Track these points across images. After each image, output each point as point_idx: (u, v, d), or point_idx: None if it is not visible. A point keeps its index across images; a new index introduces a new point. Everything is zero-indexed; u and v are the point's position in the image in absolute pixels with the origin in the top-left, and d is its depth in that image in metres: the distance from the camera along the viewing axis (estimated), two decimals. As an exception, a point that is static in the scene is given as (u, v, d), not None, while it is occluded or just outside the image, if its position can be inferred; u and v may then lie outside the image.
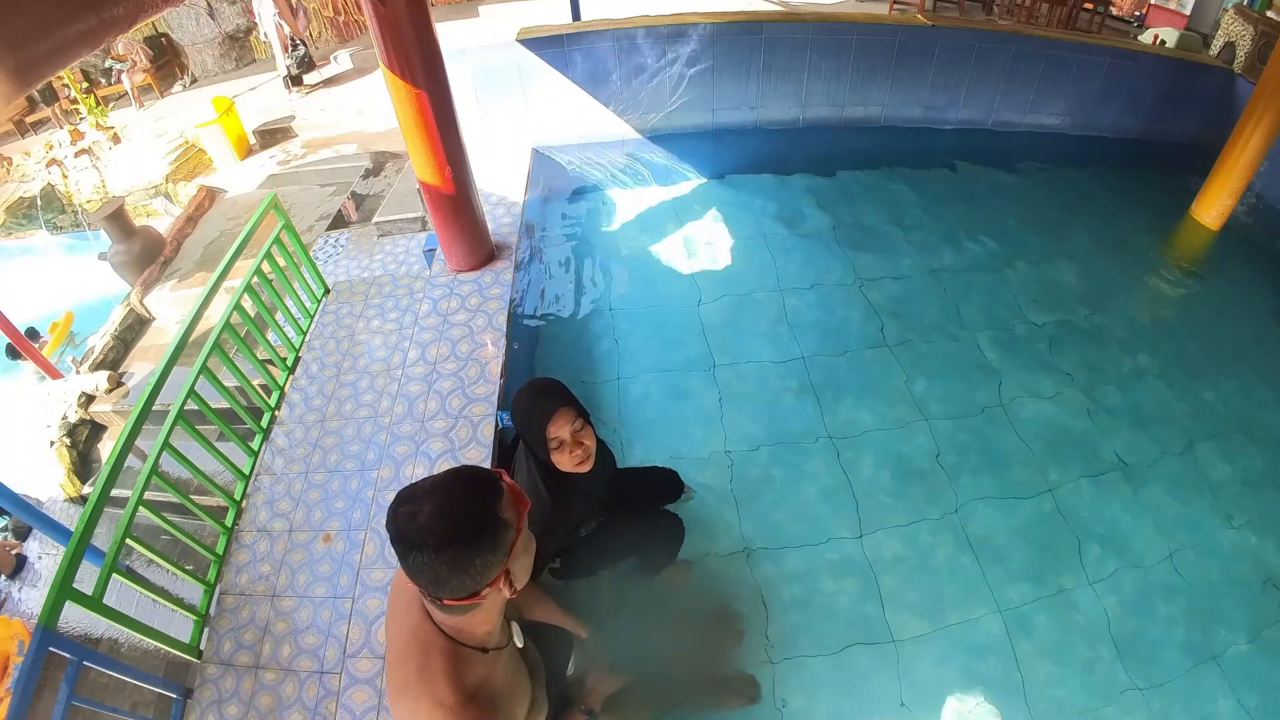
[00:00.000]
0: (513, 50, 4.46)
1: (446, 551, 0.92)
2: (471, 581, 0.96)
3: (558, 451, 1.59)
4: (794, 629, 2.27)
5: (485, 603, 1.01)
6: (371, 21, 2.56)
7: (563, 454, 1.60)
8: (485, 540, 0.95)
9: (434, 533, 0.92)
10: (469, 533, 0.94)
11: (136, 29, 6.75)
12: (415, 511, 0.93)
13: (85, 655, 1.95)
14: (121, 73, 8.18)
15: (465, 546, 0.94)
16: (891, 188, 4.51)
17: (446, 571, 0.93)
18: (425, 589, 0.97)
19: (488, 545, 0.96)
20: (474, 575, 0.95)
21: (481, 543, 0.95)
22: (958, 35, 4.74)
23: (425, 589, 0.97)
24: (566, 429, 1.58)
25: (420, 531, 0.92)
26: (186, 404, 2.54)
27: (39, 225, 7.00)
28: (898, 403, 3.02)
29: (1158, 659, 2.24)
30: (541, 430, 1.58)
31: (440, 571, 0.93)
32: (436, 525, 0.92)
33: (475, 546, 0.94)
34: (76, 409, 4.23)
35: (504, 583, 1.00)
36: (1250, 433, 2.97)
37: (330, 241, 4.40)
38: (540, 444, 1.60)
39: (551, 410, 1.58)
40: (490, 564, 0.96)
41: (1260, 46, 4.99)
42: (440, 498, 0.95)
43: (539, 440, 1.60)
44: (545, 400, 1.61)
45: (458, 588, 0.95)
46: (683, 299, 3.58)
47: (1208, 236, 4.27)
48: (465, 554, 0.94)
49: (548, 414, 1.57)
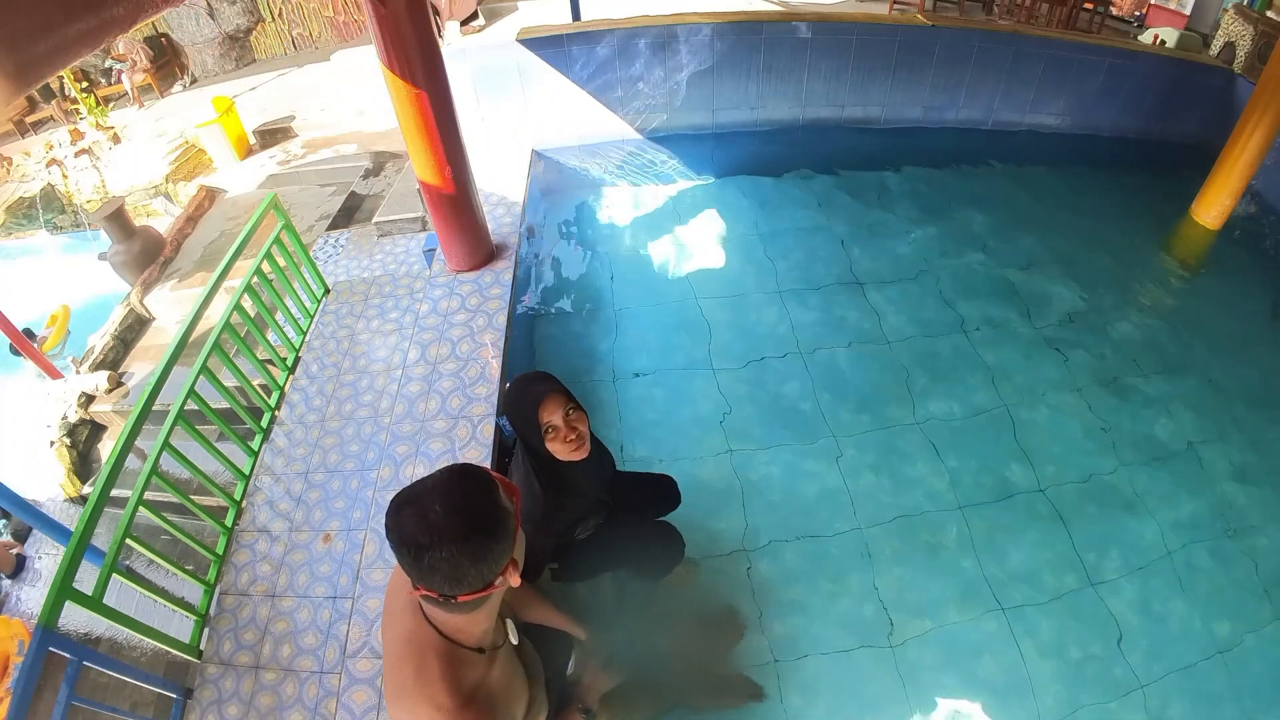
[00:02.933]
0: (513, 50, 4.46)
1: (469, 544, 0.94)
2: (489, 571, 0.98)
3: (552, 439, 1.58)
4: (795, 629, 2.28)
5: (494, 595, 1.03)
6: (371, 21, 2.56)
7: (557, 441, 1.58)
8: (499, 528, 0.98)
9: (451, 528, 0.93)
10: (485, 523, 0.96)
11: (136, 29, 6.74)
12: (424, 511, 0.93)
13: (85, 655, 1.95)
14: (121, 73, 8.18)
15: (485, 536, 0.96)
16: (891, 188, 4.51)
17: (468, 564, 0.95)
18: (439, 588, 0.96)
19: (501, 533, 0.98)
20: (491, 564, 0.97)
21: (497, 531, 0.97)
22: (958, 35, 4.73)
23: (439, 588, 0.96)
24: (559, 414, 1.57)
25: (435, 529, 0.92)
26: (186, 404, 2.54)
27: (39, 225, 7.00)
28: (898, 402, 3.02)
29: (1159, 657, 2.24)
30: (534, 416, 1.57)
31: (461, 565, 0.94)
32: (454, 520, 0.93)
33: (493, 535, 0.97)
34: (76, 409, 4.23)
35: (512, 569, 1.02)
36: (1250, 431, 2.97)
37: (330, 241, 4.40)
38: (534, 432, 1.59)
39: (542, 395, 1.57)
40: (504, 551, 0.99)
41: (1260, 46, 4.98)
42: (447, 494, 0.96)
43: (533, 428, 1.58)
44: (536, 387, 1.60)
45: (476, 579, 0.97)
46: (683, 299, 3.58)
47: (1208, 236, 4.27)
48: (486, 544, 0.96)
49: (539, 399, 1.57)
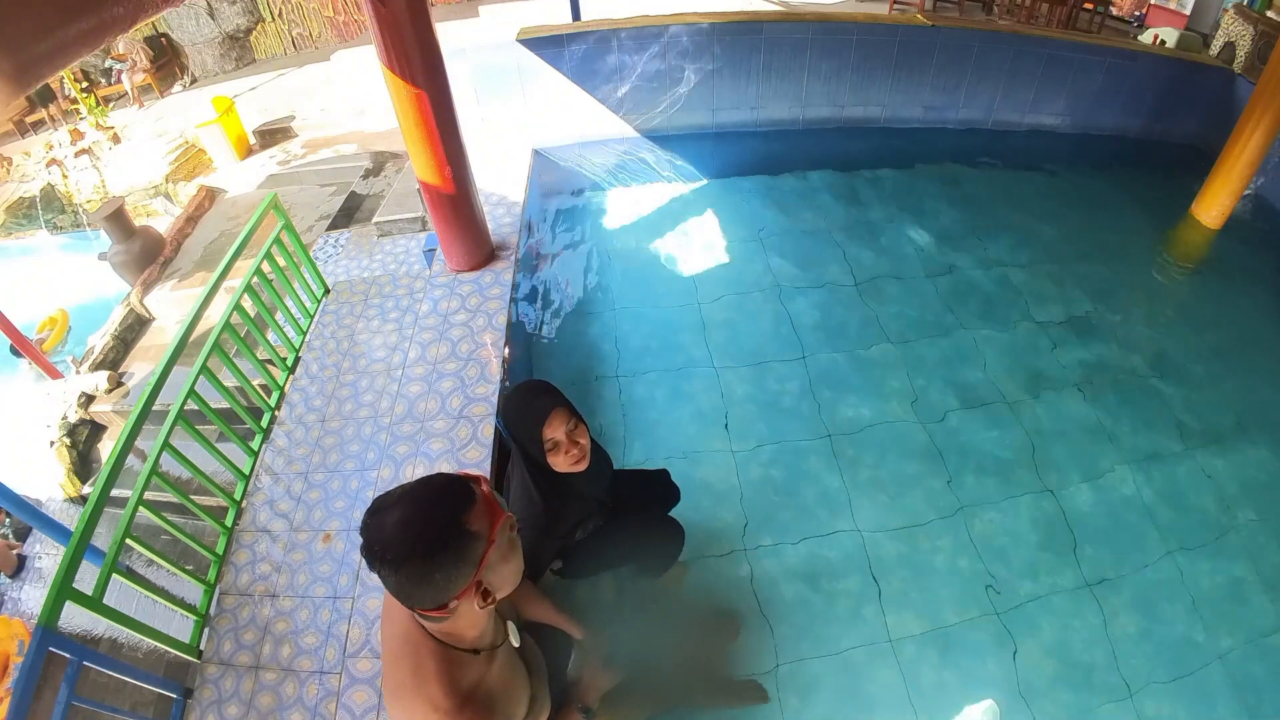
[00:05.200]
0: (513, 50, 4.46)
1: (406, 566, 0.91)
2: (436, 594, 0.94)
3: (553, 453, 1.59)
4: (795, 629, 2.27)
5: (458, 612, 1.00)
6: (371, 21, 2.56)
7: (558, 455, 1.59)
8: (448, 553, 0.93)
9: (393, 546, 0.91)
10: (428, 546, 0.92)
11: (136, 29, 6.75)
12: (382, 523, 0.93)
13: (85, 655, 1.94)
14: (121, 73, 8.17)
15: (425, 560, 0.92)
16: (891, 188, 4.51)
17: (409, 585, 0.93)
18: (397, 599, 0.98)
19: (450, 558, 0.94)
20: (437, 588, 0.94)
21: (442, 556, 0.93)
22: (958, 35, 4.73)
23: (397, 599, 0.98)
24: (561, 429, 1.58)
25: (383, 544, 0.91)
26: (186, 404, 2.54)
27: (39, 225, 7.00)
28: (898, 402, 3.02)
29: (1159, 660, 2.24)
30: (537, 432, 1.57)
31: (403, 584, 0.93)
32: (396, 538, 0.91)
33: (435, 560, 0.92)
34: (76, 409, 4.23)
35: (476, 594, 0.98)
36: (1250, 431, 2.97)
37: (330, 241, 4.40)
38: (536, 446, 1.59)
39: (546, 412, 1.57)
40: (454, 577, 0.94)
41: (1260, 46, 4.98)
42: (406, 509, 0.94)
43: (534, 443, 1.59)
44: (539, 402, 1.60)
45: (423, 599, 0.95)
46: (683, 299, 3.58)
47: (1208, 235, 4.27)
48: (425, 568, 0.92)
49: (542, 416, 1.57)
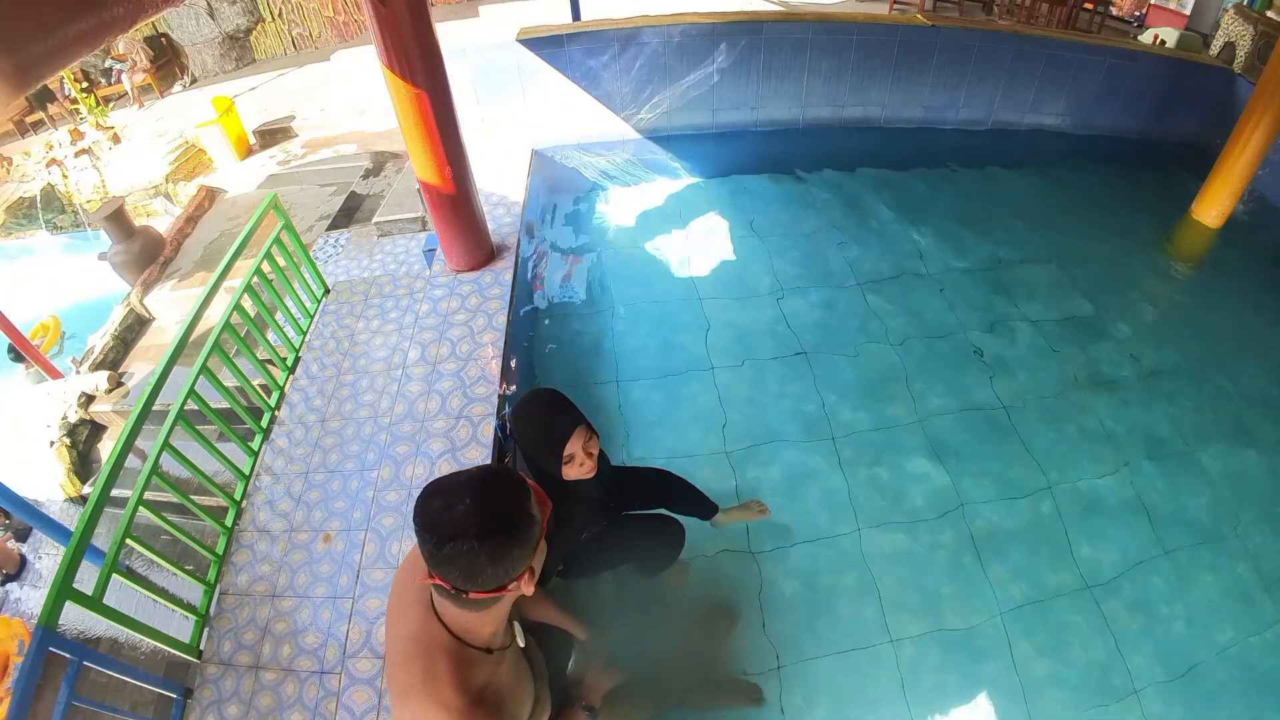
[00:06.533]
0: (513, 50, 4.46)
1: (489, 541, 0.96)
2: (504, 573, 0.99)
3: (569, 465, 1.60)
4: (795, 629, 2.28)
5: (505, 597, 1.04)
6: (371, 21, 2.56)
7: (573, 467, 1.61)
8: (521, 533, 0.99)
9: (475, 524, 0.95)
10: (509, 525, 0.98)
11: (136, 29, 6.75)
12: (451, 503, 0.96)
13: (85, 655, 1.94)
14: (121, 73, 8.17)
15: (506, 538, 0.97)
16: (891, 188, 4.51)
17: (485, 561, 0.96)
18: (454, 581, 0.98)
19: (522, 538, 0.99)
20: (508, 567, 0.99)
21: (518, 535, 0.99)
22: (958, 35, 4.73)
23: (454, 581, 0.98)
24: (579, 445, 1.59)
25: (458, 523, 0.94)
26: (186, 404, 2.54)
27: (39, 225, 6.99)
28: (898, 402, 3.02)
29: (1159, 660, 2.24)
30: (560, 449, 1.58)
31: (478, 562, 0.96)
32: (479, 516, 0.95)
33: (514, 539, 0.98)
34: (76, 409, 4.23)
35: (528, 577, 1.03)
36: (1250, 431, 2.97)
37: (330, 241, 4.40)
38: (554, 461, 1.60)
39: (569, 429, 1.58)
40: (522, 557, 1.00)
41: (1260, 46, 4.98)
42: (478, 491, 0.98)
43: (553, 458, 1.59)
44: (559, 421, 1.60)
45: (490, 579, 0.98)
46: (682, 299, 3.58)
47: (1208, 235, 4.28)
48: (505, 545, 0.97)
49: (564, 433, 1.57)
